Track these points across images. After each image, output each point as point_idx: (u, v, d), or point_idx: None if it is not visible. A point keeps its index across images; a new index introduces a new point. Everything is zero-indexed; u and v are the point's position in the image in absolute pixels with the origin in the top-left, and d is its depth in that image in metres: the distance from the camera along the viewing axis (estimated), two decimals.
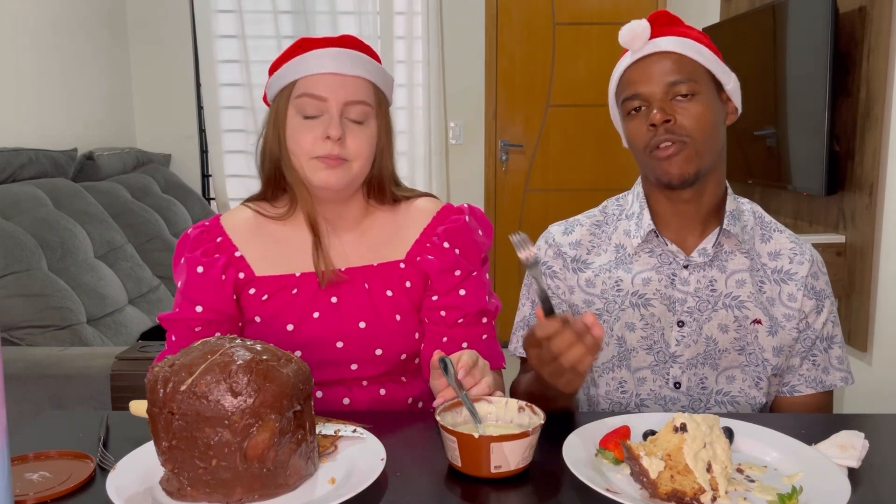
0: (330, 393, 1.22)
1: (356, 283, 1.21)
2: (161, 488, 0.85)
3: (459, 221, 1.25)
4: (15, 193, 2.40)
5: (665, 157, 1.18)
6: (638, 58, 1.21)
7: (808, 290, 1.25)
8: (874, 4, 2.20)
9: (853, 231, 2.34)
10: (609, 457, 0.92)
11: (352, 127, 1.16)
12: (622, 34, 1.22)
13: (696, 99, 1.18)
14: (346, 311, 1.19)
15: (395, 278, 1.22)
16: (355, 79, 1.17)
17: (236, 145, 3.97)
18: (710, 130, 1.19)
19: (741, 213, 1.27)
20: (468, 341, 1.22)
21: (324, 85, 1.15)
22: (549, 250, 1.34)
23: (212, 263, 1.18)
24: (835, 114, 2.30)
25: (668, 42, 1.20)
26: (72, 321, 2.17)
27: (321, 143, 1.15)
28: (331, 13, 3.87)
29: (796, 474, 0.90)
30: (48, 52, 3.12)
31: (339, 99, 1.15)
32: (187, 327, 1.19)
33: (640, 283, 1.26)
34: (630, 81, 1.22)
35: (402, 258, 1.24)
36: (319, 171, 1.16)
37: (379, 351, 1.20)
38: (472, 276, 1.23)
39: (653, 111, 1.18)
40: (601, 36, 4.03)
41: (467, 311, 1.22)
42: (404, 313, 1.21)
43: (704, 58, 1.20)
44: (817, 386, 1.28)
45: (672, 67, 1.18)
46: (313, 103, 1.15)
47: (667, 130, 1.17)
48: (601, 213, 1.36)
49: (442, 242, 1.23)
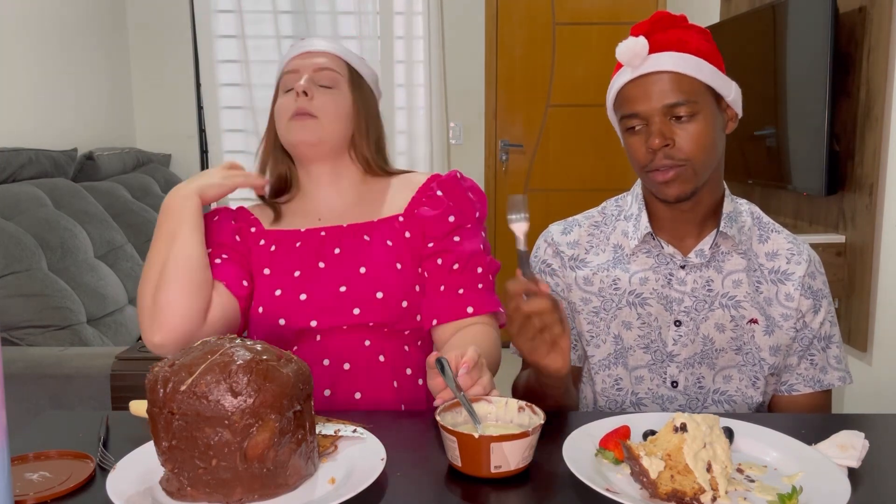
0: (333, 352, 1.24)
1: (357, 235, 1.29)
2: (161, 488, 0.85)
3: (452, 175, 1.35)
4: (15, 193, 2.40)
5: (662, 180, 1.19)
6: (636, 76, 1.19)
7: (805, 289, 1.26)
8: (874, 4, 2.20)
9: (853, 231, 2.34)
10: (609, 457, 0.92)
11: (321, 90, 1.30)
12: (620, 52, 1.20)
13: (695, 119, 1.17)
14: (348, 260, 1.27)
15: (394, 230, 1.29)
16: (324, 53, 1.34)
17: (236, 145, 3.97)
18: (709, 149, 1.18)
19: (738, 215, 1.28)
20: (464, 287, 1.26)
21: (297, 62, 1.33)
22: (548, 249, 1.35)
23: (226, 215, 1.34)
24: (835, 114, 2.30)
25: (667, 60, 1.17)
26: (72, 321, 2.17)
27: (293, 102, 1.29)
28: (331, 13, 3.87)
29: (796, 474, 0.90)
30: (48, 53, 3.12)
31: (308, 67, 1.32)
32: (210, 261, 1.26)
33: (637, 282, 1.27)
34: (628, 99, 1.20)
35: (401, 213, 1.32)
36: (295, 130, 1.29)
37: (380, 294, 1.23)
38: (466, 227, 1.30)
39: (651, 135, 1.17)
40: (601, 36, 4.03)
41: (460, 255, 1.27)
42: (405, 263, 1.27)
43: (704, 73, 1.18)
44: (815, 385, 1.28)
45: (670, 87, 1.16)
46: (290, 78, 1.32)
47: (666, 155, 1.17)
48: (600, 214, 1.36)
49: (435, 192, 1.32)
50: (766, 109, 2.63)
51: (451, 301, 1.25)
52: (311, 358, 1.22)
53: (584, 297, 1.30)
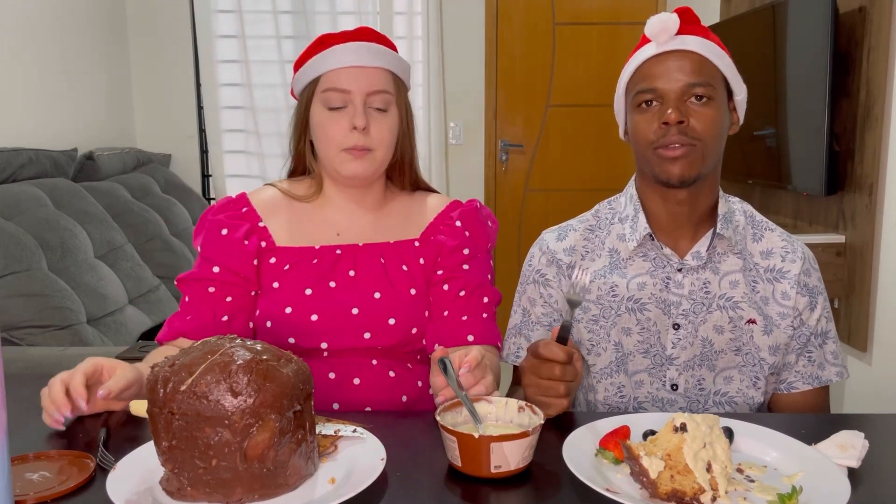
0: (342, 370, 1.23)
1: (373, 257, 1.27)
2: (161, 488, 0.85)
3: (472, 206, 1.34)
4: (15, 193, 2.40)
5: (671, 157, 1.18)
6: (661, 52, 1.19)
7: (801, 287, 1.26)
8: (874, 4, 2.20)
9: (853, 231, 2.34)
10: (609, 457, 0.92)
11: (375, 115, 1.24)
12: (651, 24, 1.19)
13: (710, 103, 1.18)
14: (362, 283, 1.25)
15: (410, 254, 1.28)
16: (375, 69, 1.24)
17: (236, 145, 3.97)
18: (718, 136, 1.19)
19: (732, 214, 1.28)
20: (468, 315, 1.26)
21: (346, 78, 1.23)
22: (543, 258, 1.34)
23: (236, 227, 1.25)
24: (835, 114, 2.30)
25: (694, 42, 1.18)
26: (72, 321, 2.17)
27: (348, 135, 1.22)
28: (331, 13, 3.87)
29: (796, 474, 0.90)
30: (48, 52, 3.12)
31: (362, 89, 1.22)
32: (202, 287, 1.24)
33: (635, 287, 1.26)
34: (648, 74, 1.20)
35: (417, 237, 1.30)
36: (348, 162, 1.23)
37: (392, 320, 1.23)
38: (476, 257, 1.30)
39: (668, 110, 1.17)
40: (601, 36, 4.03)
41: (467, 283, 1.27)
42: (419, 288, 1.26)
43: (724, 64, 1.20)
44: (813, 382, 1.28)
45: (694, 68, 1.17)
46: (338, 96, 1.23)
47: (679, 132, 1.17)
48: (594, 217, 1.35)
49: (454, 222, 1.30)
50: (766, 109, 2.63)
51: (454, 327, 1.26)
52: (318, 372, 1.22)
53: (583, 306, 1.30)
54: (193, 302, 1.24)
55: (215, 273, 1.23)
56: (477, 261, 1.30)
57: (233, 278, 1.24)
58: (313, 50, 1.26)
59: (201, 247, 1.27)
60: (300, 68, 1.28)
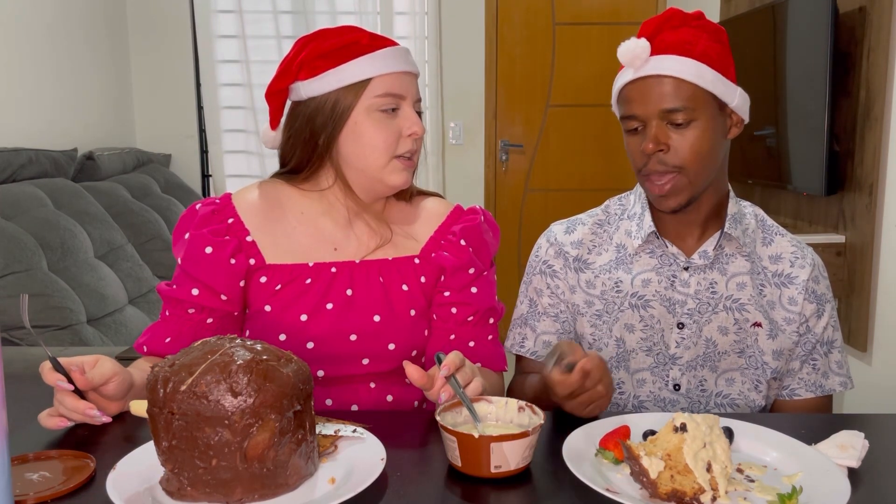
0: (339, 396, 1.21)
1: (371, 276, 1.20)
2: (161, 488, 0.85)
3: (475, 221, 1.26)
4: (15, 193, 2.40)
5: (657, 194, 1.19)
6: (637, 77, 1.17)
7: (808, 294, 1.25)
8: (874, 4, 2.20)
9: (853, 231, 2.34)
10: (609, 457, 0.92)
11: None
12: (621, 53, 1.18)
13: (692, 126, 1.15)
14: (360, 305, 1.18)
15: (410, 273, 1.22)
16: (414, 76, 1.23)
17: (236, 145, 3.97)
18: (704, 157, 1.17)
19: (743, 216, 1.27)
20: (475, 340, 1.23)
21: (401, 83, 1.19)
22: (551, 249, 1.34)
23: (221, 245, 1.16)
24: (835, 114, 2.30)
25: (669, 63, 1.15)
26: (72, 321, 2.17)
27: (403, 141, 1.19)
28: (331, 13, 3.87)
29: (796, 474, 0.90)
30: (48, 52, 3.12)
31: (413, 96, 1.21)
32: (182, 309, 1.18)
33: (639, 284, 1.26)
34: (627, 100, 1.19)
35: (417, 254, 1.24)
36: (399, 171, 1.20)
37: (392, 346, 1.19)
38: (483, 275, 1.25)
39: (646, 139, 1.16)
40: (601, 36, 4.03)
41: (477, 309, 1.23)
42: (419, 309, 1.21)
43: (705, 80, 1.15)
44: (817, 390, 1.28)
45: (669, 92, 1.15)
46: (390, 100, 1.18)
47: (659, 161, 1.16)
48: (603, 213, 1.35)
49: (458, 240, 1.23)
50: (766, 109, 2.63)
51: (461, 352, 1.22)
52: (315, 400, 1.15)
53: (587, 300, 1.30)
54: (173, 321, 1.18)
55: (195, 296, 1.16)
56: (483, 279, 1.25)
57: (215, 302, 1.17)
58: (351, 48, 1.17)
59: (182, 261, 1.18)
60: (327, 70, 1.17)
